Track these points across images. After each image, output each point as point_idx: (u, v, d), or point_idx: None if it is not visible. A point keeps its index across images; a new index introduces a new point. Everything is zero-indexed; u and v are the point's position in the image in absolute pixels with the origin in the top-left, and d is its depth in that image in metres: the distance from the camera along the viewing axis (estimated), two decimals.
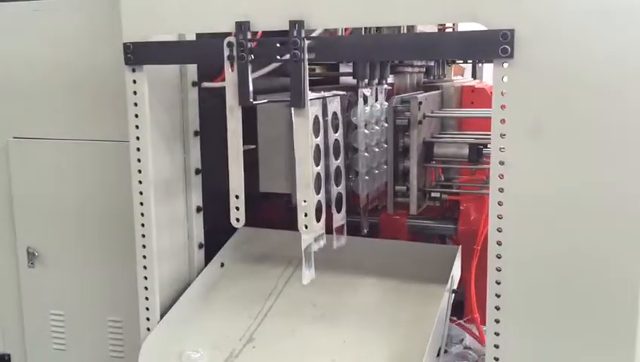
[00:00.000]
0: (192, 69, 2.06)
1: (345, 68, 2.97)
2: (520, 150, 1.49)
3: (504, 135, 1.50)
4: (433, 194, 2.28)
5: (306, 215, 1.70)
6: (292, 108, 1.66)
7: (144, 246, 1.95)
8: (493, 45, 1.45)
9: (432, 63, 3.16)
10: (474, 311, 2.03)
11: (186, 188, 2.11)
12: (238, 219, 1.78)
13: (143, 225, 1.94)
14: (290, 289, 2.14)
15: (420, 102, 2.17)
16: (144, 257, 1.96)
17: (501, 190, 1.52)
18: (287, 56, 1.63)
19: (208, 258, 2.20)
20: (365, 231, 2.32)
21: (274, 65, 1.95)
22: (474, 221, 2.39)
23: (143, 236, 1.94)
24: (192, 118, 2.08)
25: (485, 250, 2.22)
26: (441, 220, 2.48)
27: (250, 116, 2.33)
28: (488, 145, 2.13)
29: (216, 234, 2.22)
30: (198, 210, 2.14)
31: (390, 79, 2.68)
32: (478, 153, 2.16)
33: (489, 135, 2.25)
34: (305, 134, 1.67)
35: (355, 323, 1.96)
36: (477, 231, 2.38)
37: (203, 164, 2.14)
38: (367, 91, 2.29)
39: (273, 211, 2.48)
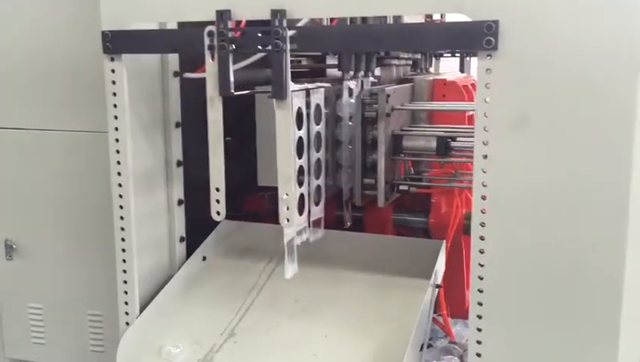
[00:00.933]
0: (173, 59, 2.03)
1: (331, 60, 2.94)
2: (504, 144, 1.47)
3: (487, 128, 1.48)
4: (402, 187, 2.26)
5: (287, 208, 1.67)
6: (274, 100, 1.63)
7: (123, 240, 1.92)
8: (477, 37, 1.43)
9: (418, 56, 3.13)
10: (442, 307, 2.02)
11: (167, 180, 2.07)
12: (218, 213, 1.75)
13: (122, 217, 1.91)
14: (273, 284, 2.12)
15: (388, 95, 2.16)
16: (123, 251, 1.92)
17: (484, 184, 1.50)
18: (269, 47, 1.60)
19: (190, 251, 2.17)
20: (348, 224, 2.31)
21: (257, 55, 1.92)
22: (445, 214, 2.39)
23: (122, 229, 1.91)
24: (173, 108, 2.05)
25: (455, 245, 2.24)
26: (412, 213, 2.47)
27: (248, 108, 2.29)
28: (457, 139, 2.14)
29: (198, 227, 2.19)
30: (180, 202, 2.11)
31: (377, 72, 2.65)
32: (446, 146, 2.15)
33: (458, 128, 2.28)
34: (286, 126, 1.64)
35: (337, 317, 1.93)
36: (448, 224, 2.39)
37: (185, 155, 2.11)
38: (352, 84, 2.27)
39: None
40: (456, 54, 4.10)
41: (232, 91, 1.67)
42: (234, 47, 1.65)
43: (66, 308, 2.35)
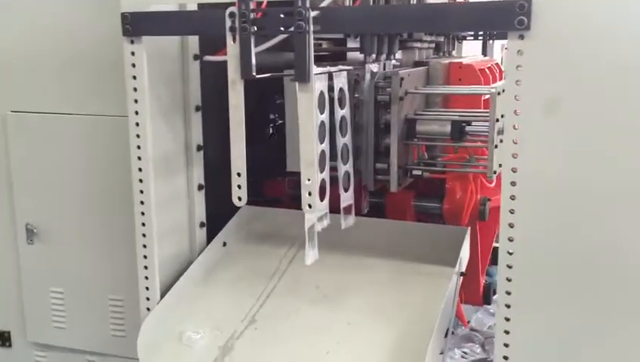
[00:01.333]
0: (193, 41, 1.99)
1: (352, 43, 2.88)
2: (535, 128, 1.42)
3: (518, 112, 1.43)
4: (415, 172, 2.22)
5: (309, 194, 1.64)
6: (296, 83, 1.59)
7: (143, 225, 1.90)
8: (508, 16, 1.37)
9: (441, 39, 3.06)
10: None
11: (188, 164, 2.05)
12: (240, 198, 1.72)
13: (142, 202, 1.89)
14: (294, 270, 2.09)
15: (402, 78, 2.11)
16: (143, 236, 1.91)
17: (514, 170, 1.45)
18: (292, 28, 1.56)
19: (210, 237, 2.15)
20: (365, 210, 2.28)
21: (279, 37, 1.88)
22: (459, 200, 2.36)
23: (143, 214, 1.89)
24: (193, 92, 2.02)
25: None
26: (426, 198, 2.44)
27: (267, 91, 2.25)
28: (472, 123, 2.09)
29: (218, 212, 2.16)
30: (200, 187, 2.09)
31: (398, 55, 2.60)
32: (460, 131, 2.10)
33: (473, 112, 2.22)
34: (309, 110, 1.60)
35: (359, 304, 1.91)
36: (462, 210, 2.34)
37: (205, 140, 2.08)
38: (374, 67, 2.23)
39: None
40: (479, 37, 4.02)
41: (254, 74, 1.63)
42: (256, 28, 1.61)
43: (87, 292, 2.35)
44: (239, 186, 1.71)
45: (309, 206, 1.66)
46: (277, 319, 1.90)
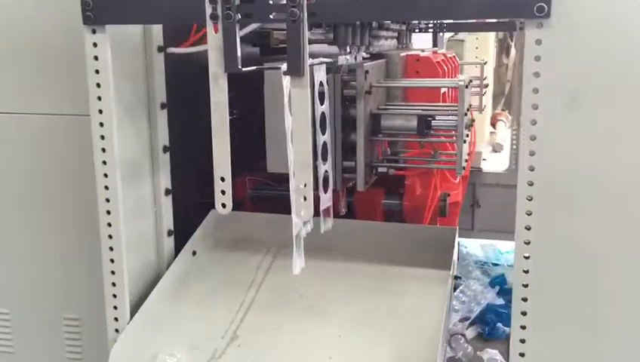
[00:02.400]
0: (157, 32, 1.80)
1: (310, 35, 2.74)
2: (555, 124, 1.33)
3: (536, 106, 1.33)
4: (380, 169, 2.15)
5: (305, 199, 1.49)
6: (289, 77, 1.44)
7: (110, 237, 1.69)
8: (527, 3, 1.27)
9: (403, 29, 2.97)
10: None
11: (153, 168, 1.86)
12: (224, 205, 1.55)
13: (108, 212, 1.68)
14: (273, 279, 1.94)
15: (367, 71, 2.03)
16: (111, 249, 1.70)
17: (532, 168, 1.36)
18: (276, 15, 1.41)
19: (178, 246, 1.96)
20: (344, 211, 2.18)
21: (250, 27, 1.72)
22: (420, 196, 2.31)
23: (109, 225, 1.69)
24: (158, 88, 1.83)
25: None
26: (385, 195, 2.38)
27: (256, 84, 2.08)
28: (437, 117, 2.01)
29: (186, 219, 1.98)
30: (167, 192, 1.90)
31: None
32: (427, 125, 2.04)
33: (438, 106, 2.15)
34: (304, 107, 1.45)
35: (348, 314, 1.78)
36: (424, 207, 2.28)
37: (171, 140, 1.89)
38: (345, 59, 2.11)
39: None
40: (429, 30, 3.98)
41: (240, 67, 1.47)
42: (240, 16, 1.44)
43: (37, 312, 2.11)
44: (223, 192, 1.54)
45: (303, 213, 1.51)
46: (261, 334, 1.74)
